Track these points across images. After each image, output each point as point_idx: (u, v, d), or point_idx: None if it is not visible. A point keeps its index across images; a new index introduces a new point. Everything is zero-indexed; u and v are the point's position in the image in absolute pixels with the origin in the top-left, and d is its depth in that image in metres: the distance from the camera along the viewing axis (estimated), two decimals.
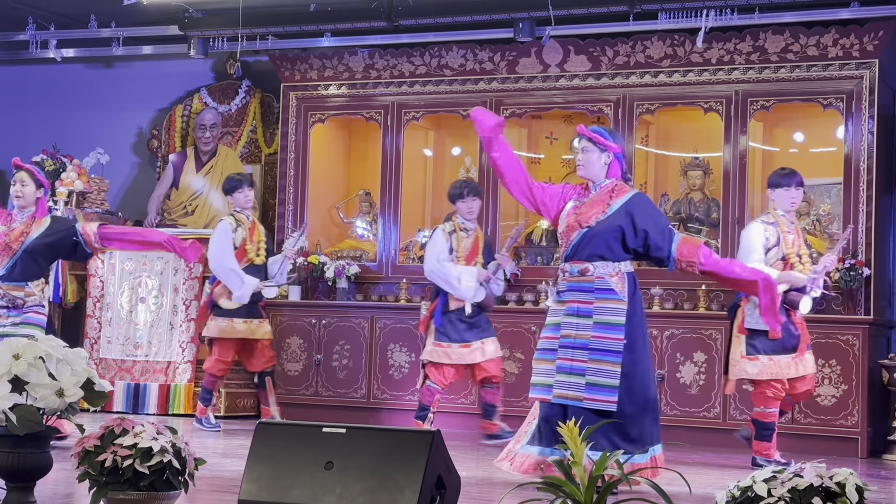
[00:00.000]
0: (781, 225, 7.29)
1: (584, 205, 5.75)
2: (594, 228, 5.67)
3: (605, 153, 5.84)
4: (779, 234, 7.26)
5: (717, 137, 9.27)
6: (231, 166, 10.74)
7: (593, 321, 5.62)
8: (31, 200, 7.16)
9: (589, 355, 5.59)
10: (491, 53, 9.79)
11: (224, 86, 11.17)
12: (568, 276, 5.72)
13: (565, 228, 5.75)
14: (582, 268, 5.67)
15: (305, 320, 9.92)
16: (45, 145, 10.91)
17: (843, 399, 8.43)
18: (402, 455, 3.59)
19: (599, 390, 5.54)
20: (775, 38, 8.99)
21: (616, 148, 5.89)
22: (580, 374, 5.57)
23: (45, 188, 7.28)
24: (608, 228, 5.66)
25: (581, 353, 5.60)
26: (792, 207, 7.35)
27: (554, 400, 5.59)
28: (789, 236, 7.28)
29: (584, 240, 5.68)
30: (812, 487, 2.97)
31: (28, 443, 3.63)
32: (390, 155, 10.07)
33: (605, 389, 5.54)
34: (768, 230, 7.27)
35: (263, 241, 8.84)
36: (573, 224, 5.72)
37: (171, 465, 3.55)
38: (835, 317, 8.63)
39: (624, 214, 5.69)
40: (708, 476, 6.71)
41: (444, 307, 8.01)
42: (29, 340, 3.68)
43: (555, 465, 3.23)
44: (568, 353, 5.62)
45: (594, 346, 5.59)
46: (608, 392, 5.53)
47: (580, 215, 5.71)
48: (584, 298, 5.65)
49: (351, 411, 9.53)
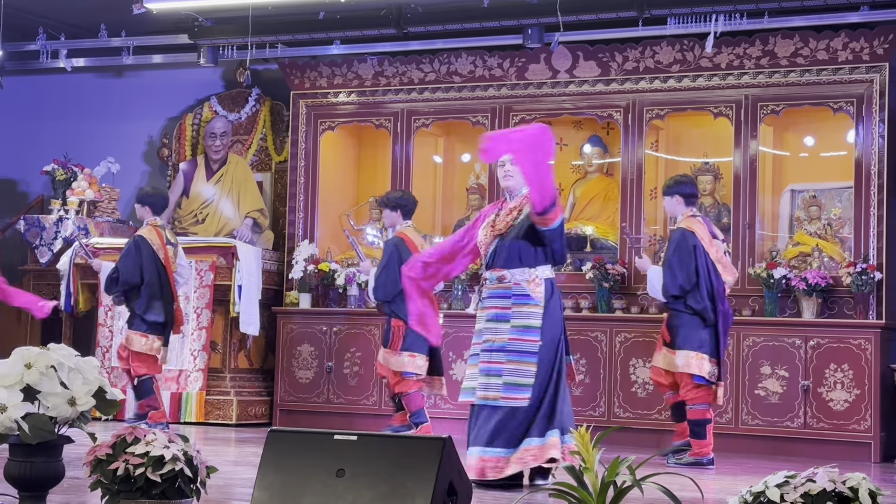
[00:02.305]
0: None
1: (499, 217, 6.04)
2: (507, 236, 5.96)
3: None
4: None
5: (728, 142, 9.26)
6: (241, 174, 10.76)
7: (510, 325, 5.91)
8: None
9: (506, 357, 5.88)
10: (500, 60, 9.79)
11: (234, 94, 11.19)
12: (488, 283, 6.01)
13: (482, 240, 6.03)
14: (500, 275, 5.97)
15: (316, 327, 9.92)
16: (56, 155, 10.94)
17: (855, 404, 8.41)
18: (414, 462, 3.58)
19: (515, 389, 5.84)
20: (785, 42, 8.97)
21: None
22: (497, 375, 5.87)
23: None
24: (520, 232, 5.93)
25: (499, 354, 5.90)
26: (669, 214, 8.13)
27: (477, 402, 5.90)
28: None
29: (499, 247, 5.97)
30: (825, 492, 2.96)
31: (40, 452, 3.63)
32: (400, 162, 10.08)
33: (520, 388, 5.84)
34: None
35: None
36: (488, 235, 6.01)
37: (182, 473, 3.55)
38: (847, 321, 8.60)
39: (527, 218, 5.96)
40: (720, 481, 6.69)
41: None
42: (41, 349, 3.68)
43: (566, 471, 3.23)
44: (487, 356, 5.93)
45: (511, 349, 5.89)
46: (523, 390, 5.83)
47: (494, 227, 6.00)
48: (503, 304, 5.95)
49: (362, 418, 9.53)
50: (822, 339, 8.51)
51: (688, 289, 7.44)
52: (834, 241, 9.10)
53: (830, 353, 8.49)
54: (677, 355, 7.48)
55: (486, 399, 5.87)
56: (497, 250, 5.96)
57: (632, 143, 9.40)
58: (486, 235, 6.01)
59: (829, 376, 8.47)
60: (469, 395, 5.96)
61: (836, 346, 8.48)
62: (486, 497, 5.55)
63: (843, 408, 8.43)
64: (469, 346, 9.29)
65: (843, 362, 8.46)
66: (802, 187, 9.38)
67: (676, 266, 7.46)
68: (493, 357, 5.89)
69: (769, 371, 8.63)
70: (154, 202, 9.05)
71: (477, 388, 5.90)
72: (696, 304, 7.45)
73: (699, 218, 7.73)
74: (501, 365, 5.86)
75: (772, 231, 9.32)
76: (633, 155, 9.39)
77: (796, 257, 8.98)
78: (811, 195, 9.28)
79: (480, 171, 10.24)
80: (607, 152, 10.12)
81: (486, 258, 6.01)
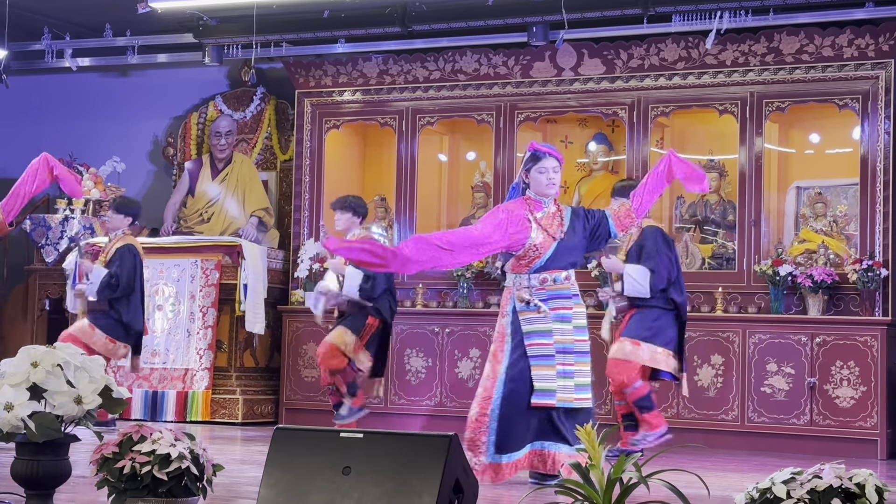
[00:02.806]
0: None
1: (543, 220, 6.02)
2: (564, 241, 5.98)
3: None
4: None
5: (733, 139, 9.25)
6: (246, 173, 10.77)
7: (573, 326, 5.97)
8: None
9: (575, 358, 5.94)
10: (505, 58, 9.79)
11: (239, 93, 11.20)
12: (550, 283, 5.99)
13: (540, 242, 5.96)
14: (565, 275, 6.01)
15: (322, 326, 9.92)
16: (61, 154, 10.94)
17: (861, 400, 8.40)
18: (420, 459, 3.58)
19: (584, 389, 5.94)
20: (790, 39, 8.96)
21: None
22: (570, 377, 5.91)
23: None
24: (573, 239, 6.01)
25: (570, 356, 5.93)
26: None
27: (558, 404, 5.86)
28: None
29: (557, 251, 5.96)
30: (831, 489, 2.96)
31: (47, 450, 3.63)
32: (405, 160, 10.08)
33: (586, 388, 5.95)
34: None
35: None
36: (546, 238, 5.97)
37: (189, 471, 3.55)
38: (853, 318, 8.59)
39: (579, 224, 6.05)
40: (726, 478, 6.69)
41: None
42: (47, 348, 3.69)
43: (572, 468, 3.23)
44: (562, 359, 5.92)
45: (577, 350, 5.96)
46: (587, 390, 5.95)
47: (548, 230, 5.99)
48: (565, 304, 5.98)
49: (368, 416, 9.52)
50: (828, 336, 8.51)
51: (672, 281, 7.48)
52: (840, 237, 9.09)
53: (836, 350, 8.49)
54: (642, 347, 7.44)
55: (565, 402, 5.87)
56: (556, 252, 5.97)
57: (637, 141, 9.39)
58: (545, 238, 5.97)
59: (835, 373, 8.46)
60: (547, 398, 5.87)
61: (842, 343, 8.47)
62: (493, 494, 5.55)
63: (849, 405, 8.42)
64: (473, 345, 9.33)
65: (850, 359, 8.45)
66: (808, 184, 9.37)
67: (662, 260, 7.47)
68: (567, 359, 5.91)
69: (775, 368, 8.63)
70: (136, 213, 8.98)
71: (556, 391, 5.86)
72: (678, 296, 7.48)
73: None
74: (572, 367, 5.91)
75: (777, 228, 9.31)
76: (639, 152, 9.39)
77: (802, 254, 8.98)
78: (817, 192, 9.27)
79: (485, 168, 10.24)
80: (612, 150, 10.12)
81: (541, 260, 5.97)
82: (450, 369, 9.44)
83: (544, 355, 5.91)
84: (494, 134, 9.81)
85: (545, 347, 5.91)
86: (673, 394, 8.66)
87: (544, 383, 5.89)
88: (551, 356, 5.89)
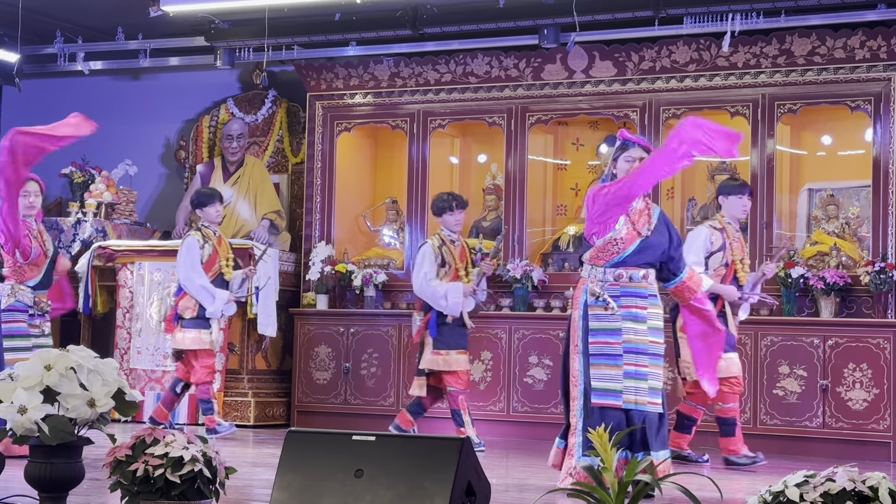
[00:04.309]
0: (728, 232, 7.49)
1: (631, 215, 5.79)
2: (650, 238, 5.78)
3: None
4: (724, 239, 7.47)
5: (745, 141, 9.23)
6: (258, 176, 10.78)
7: (647, 326, 5.73)
8: (38, 210, 7.36)
9: (650, 360, 5.70)
10: (516, 60, 9.79)
11: (250, 96, 11.21)
12: (628, 280, 5.76)
13: (625, 235, 5.75)
14: (644, 273, 5.77)
15: (333, 328, 9.94)
16: (73, 157, 10.98)
17: (874, 403, 8.38)
18: (432, 462, 3.59)
19: (656, 394, 5.69)
20: (802, 40, 8.95)
21: None
22: (644, 379, 5.66)
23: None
24: (660, 237, 5.80)
25: (643, 357, 5.69)
26: (742, 215, 7.68)
27: (624, 405, 5.63)
28: (735, 244, 7.49)
29: (641, 248, 5.76)
30: (845, 492, 2.95)
31: (60, 453, 3.65)
32: (416, 163, 10.09)
33: (658, 392, 5.70)
34: (714, 235, 7.48)
35: (231, 256, 8.87)
36: (632, 232, 5.77)
37: (202, 474, 3.56)
38: (865, 320, 8.57)
39: (663, 225, 5.84)
40: (739, 481, 6.68)
41: (438, 318, 8.16)
42: (60, 351, 3.70)
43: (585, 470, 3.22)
44: (633, 359, 5.68)
45: (652, 352, 5.72)
46: (659, 394, 5.70)
47: (635, 225, 5.78)
48: (640, 304, 5.74)
49: (380, 419, 9.52)
50: (840, 338, 8.49)
51: None
52: (852, 240, 9.07)
53: (849, 352, 8.47)
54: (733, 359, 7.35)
55: (636, 404, 5.62)
56: (640, 249, 5.74)
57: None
58: (629, 232, 5.74)
59: (847, 376, 8.44)
60: (613, 398, 5.63)
61: (855, 345, 8.45)
62: (506, 498, 5.55)
63: (861, 407, 8.40)
64: (485, 347, 9.32)
65: (862, 361, 8.43)
66: (820, 186, 9.35)
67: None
68: (640, 360, 5.66)
69: (787, 371, 8.61)
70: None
71: (623, 391, 5.61)
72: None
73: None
74: (646, 368, 5.66)
75: (789, 230, 9.29)
76: None
77: (814, 256, 8.96)
78: (829, 194, 9.25)
79: (497, 171, 10.24)
80: None
81: (623, 254, 5.74)
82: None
83: (609, 354, 5.68)
84: (506, 136, 9.81)
85: (611, 346, 5.68)
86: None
87: (606, 383, 5.65)
88: (618, 356, 5.66)
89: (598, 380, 5.65)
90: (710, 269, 7.36)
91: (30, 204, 7.31)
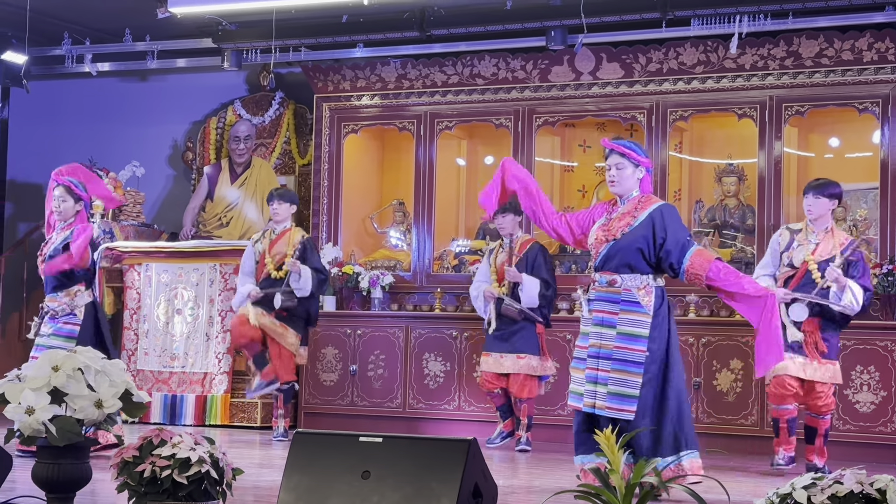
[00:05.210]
0: (804, 232, 7.24)
1: (612, 220, 5.82)
2: (620, 241, 5.74)
3: (638, 168, 5.87)
4: (793, 239, 7.23)
5: (752, 143, 9.23)
6: (265, 178, 10.79)
7: (616, 332, 5.70)
8: (70, 215, 7.31)
9: (611, 365, 5.68)
10: (523, 62, 9.78)
11: (258, 97, 11.23)
12: (597, 286, 5.82)
13: (594, 241, 5.84)
14: (610, 279, 5.75)
15: (340, 330, 9.94)
16: (81, 159, 10.98)
17: (882, 406, 8.36)
18: (439, 464, 3.59)
19: (620, 400, 5.63)
20: (809, 42, 8.93)
21: (648, 162, 5.95)
22: (603, 384, 5.68)
23: (83, 201, 7.38)
24: (634, 239, 5.73)
25: (605, 362, 5.71)
26: (808, 215, 7.27)
27: (584, 408, 5.70)
28: (809, 245, 7.17)
29: (612, 251, 5.76)
30: (852, 494, 2.95)
31: (68, 454, 3.65)
32: (423, 164, 10.09)
33: (624, 399, 5.63)
34: (783, 234, 7.34)
35: (289, 253, 8.79)
36: (601, 238, 5.81)
37: (209, 475, 3.56)
38: (873, 322, 8.55)
39: (647, 224, 5.76)
40: (745, 484, 6.67)
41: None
42: (68, 352, 3.70)
43: (591, 472, 3.22)
44: (594, 363, 5.73)
45: (617, 357, 5.68)
46: (628, 402, 5.62)
47: (608, 230, 5.79)
48: (610, 309, 5.74)
49: (387, 421, 9.53)
50: (847, 340, 8.46)
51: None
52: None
53: (857, 354, 8.45)
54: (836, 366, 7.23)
55: (592, 407, 5.67)
56: (609, 254, 5.75)
57: (655, 145, 9.37)
58: (599, 238, 5.80)
59: (855, 378, 8.43)
60: (576, 401, 5.77)
61: (863, 347, 8.43)
62: (513, 500, 5.54)
63: (869, 409, 8.38)
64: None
65: (870, 364, 8.41)
66: None
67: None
68: (601, 365, 5.70)
69: None
70: (297, 200, 9.17)
71: (584, 395, 5.71)
72: None
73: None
74: (607, 374, 5.67)
75: None
76: (657, 157, 9.36)
77: None
78: None
79: None
80: None
81: (597, 260, 5.81)
82: (468, 374, 9.43)
83: (578, 358, 5.83)
84: (512, 138, 9.80)
85: (580, 350, 5.83)
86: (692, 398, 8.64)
87: (573, 385, 5.81)
88: (583, 359, 5.78)
89: (571, 383, 5.83)
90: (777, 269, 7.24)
91: (53, 208, 7.49)
